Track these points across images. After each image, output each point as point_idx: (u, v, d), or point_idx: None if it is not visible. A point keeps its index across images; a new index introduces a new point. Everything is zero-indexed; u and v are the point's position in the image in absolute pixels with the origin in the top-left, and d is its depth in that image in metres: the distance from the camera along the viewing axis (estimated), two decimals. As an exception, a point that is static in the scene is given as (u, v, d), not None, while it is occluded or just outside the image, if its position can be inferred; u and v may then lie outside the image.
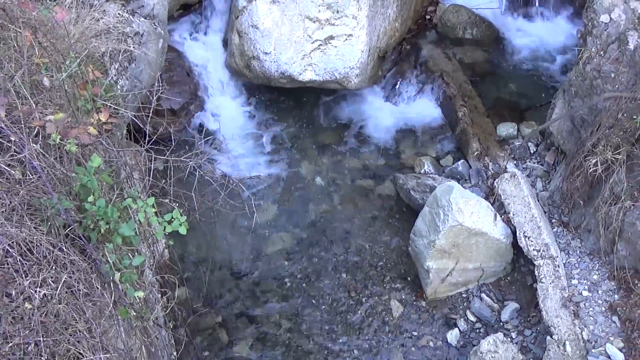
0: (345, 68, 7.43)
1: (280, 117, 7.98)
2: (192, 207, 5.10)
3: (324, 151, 7.70)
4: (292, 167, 7.55)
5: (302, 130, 7.89)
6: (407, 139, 7.81)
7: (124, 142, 5.52)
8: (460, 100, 7.60)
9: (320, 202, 7.26)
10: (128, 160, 4.95)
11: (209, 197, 5.46)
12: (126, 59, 5.62)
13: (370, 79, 7.85)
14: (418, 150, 7.65)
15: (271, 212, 7.13)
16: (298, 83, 7.57)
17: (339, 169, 7.56)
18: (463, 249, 6.12)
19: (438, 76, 7.91)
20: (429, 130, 7.79)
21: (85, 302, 3.70)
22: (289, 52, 7.38)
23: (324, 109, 8.12)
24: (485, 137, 7.24)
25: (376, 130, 7.90)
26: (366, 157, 7.67)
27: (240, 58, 7.66)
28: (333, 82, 7.56)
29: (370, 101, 8.12)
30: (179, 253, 6.06)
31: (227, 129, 7.41)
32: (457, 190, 6.09)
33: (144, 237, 4.84)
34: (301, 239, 6.97)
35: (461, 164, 7.16)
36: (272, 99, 8.08)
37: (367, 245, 6.91)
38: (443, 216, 5.99)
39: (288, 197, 7.29)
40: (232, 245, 6.86)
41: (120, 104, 4.97)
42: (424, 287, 6.41)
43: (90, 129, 3.97)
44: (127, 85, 5.62)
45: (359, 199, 7.32)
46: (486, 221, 6.07)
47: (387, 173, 7.50)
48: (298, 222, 7.10)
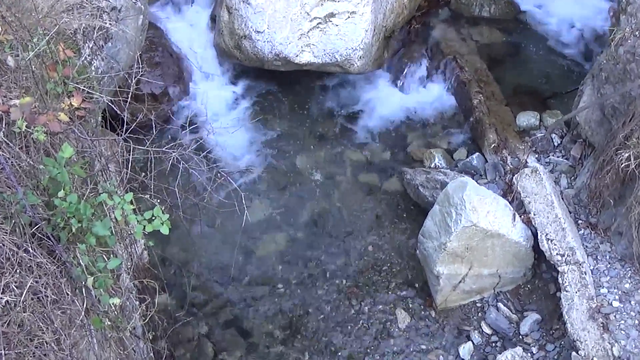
0: (347, 49, 7.41)
1: (275, 104, 7.96)
2: (175, 203, 5.08)
3: (322, 142, 7.69)
4: (287, 160, 7.54)
5: (298, 119, 7.87)
6: (415, 130, 7.81)
7: (99, 130, 5.48)
8: (476, 86, 7.59)
9: (318, 200, 7.25)
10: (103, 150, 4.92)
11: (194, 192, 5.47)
12: (101, 37, 5.58)
13: (375, 62, 7.83)
14: (428, 142, 7.65)
15: (263, 210, 7.12)
16: (294, 66, 7.55)
17: (339, 163, 7.55)
18: (477, 253, 6.11)
19: (451, 59, 7.90)
20: (441, 120, 7.79)
21: (54, 310, 3.67)
22: (285, 31, 7.35)
23: (323, 96, 8.11)
24: (504, 127, 7.23)
25: (381, 119, 7.89)
26: (370, 150, 7.66)
27: (229, 37, 7.63)
28: (333, 65, 7.54)
29: (375, 87, 8.11)
30: (159, 255, 6.05)
31: (214, 117, 7.39)
32: (471, 186, 6.08)
33: (120, 237, 4.81)
34: (297, 240, 6.96)
35: (476, 158, 7.16)
36: (266, 84, 8.06)
37: (370, 248, 6.91)
38: (455, 216, 5.98)
39: (282, 194, 7.28)
40: (220, 247, 6.85)
41: (94, 88, 4.93)
42: (434, 294, 6.41)
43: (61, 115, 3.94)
44: (102, 67, 5.57)
45: (361, 196, 7.32)
46: (504, 222, 6.06)
47: (393, 167, 7.50)
48: (293, 221, 7.10)
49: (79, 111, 4.34)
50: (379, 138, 7.75)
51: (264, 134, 7.69)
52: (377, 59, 7.86)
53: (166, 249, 6.63)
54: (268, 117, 7.80)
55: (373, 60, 7.74)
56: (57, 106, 4.18)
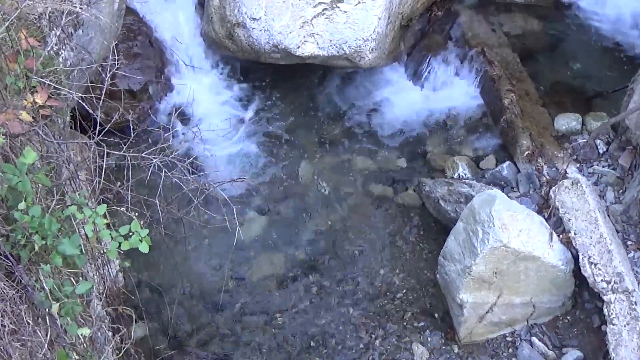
0: (357, 40, 7.41)
1: (272, 103, 7.97)
2: (155, 218, 5.07)
3: (328, 148, 7.71)
4: (286, 168, 7.55)
5: (300, 121, 7.90)
6: (436, 134, 7.82)
7: (67, 132, 5.46)
8: (507, 84, 7.60)
9: (322, 215, 7.25)
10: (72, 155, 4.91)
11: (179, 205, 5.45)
12: (71, 24, 5.57)
13: (389, 55, 7.84)
14: (450, 148, 7.66)
15: (258, 226, 7.13)
16: (296, 59, 7.56)
17: (347, 172, 7.56)
18: (508, 278, 6.10)
19: (478, 52, 7.91)
20: (466, 123, 7.80)
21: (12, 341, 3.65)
22: (285, 19, 7.36)
23: (329, 94, 8.13)
24: (539, 131, 7.22)
25: (396, 121, 7.90)
26: (382, 157, 7.67)
27: (220, 25, 7.64)
28: (341, 58, 7.54)
29: (389, 84, 8.12)
30: (137, 278, 6.05)
31: (202, 118, 7.41)
32: (501, 200, 6.08)
33: (91, 257, 4.80)
34: (297, 262, 6.96)
35: (507, 167, 7.16)
36: (262, 79, 8.08)
37: (383, 271, 6.91)
38: (482, 234, 5.97)
39: (281, 207, 7.29)
40: (207, 269, 6.84)
41: (62, 82, 4.93)
42: (457, 326, 6.40)
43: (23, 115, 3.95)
44: (71, 58, 5.56)
45: (372, 210, 7.33)
46: (539, 242, 6.05)
47: (410, 177, 7.51)
48: (293, 239, 7.10)
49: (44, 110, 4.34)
50: (394, 143, 7.76)
51: (260, 138, 7.71)
52: (392, 52, 7.86)
53: (145, 270, 6.61)
54: (265, 118, 7.82)
55: (387, 52, 7.74)
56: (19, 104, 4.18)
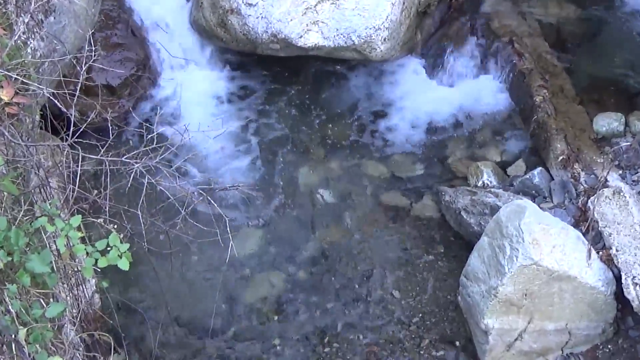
0: (367, 29, 7.44)
1: (271, 100, 7.99)
2: (137, 231, 5.06)
3: (333, 151, 7.73)
4: (286, 174, 7.57)
5: (302, 121, 7.92)
6: (457, 136, 7.85)
7: (37, 133, 5.48)
8: (539, 79, 7.61)
9: (327, 227, 7.26)
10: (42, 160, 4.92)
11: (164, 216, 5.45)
12: (41, 9, 5.59)
13: (404, 46, 7.86)
14: (474, 153, 7.68)
15: (255, 241, 7.13)
16: (297, 50, 7.59)
17: (356, 178, 7.57)
18: (540, 301, 6.10)
19: (506, 42, 7.93)
20: (491, 123, 7.83)
21: (-27, 372, 3.68)
22: (285, 4, 7.39)
23: (335, 90, 8.16)
24: (576, 133, 7.23)
25: (412, 121, 7.93)
26: (396, 161, 7.69)
27: (211, 11, 7.67)
28: (349, 49, 7.56)
29: (404, 78, 8.15)
30: (116, 299, 6.04)
31: (191, 117, 7.40)
32: (532, 212, 6.08)
33: (64, 275, 4.80)
34: (298, 282, 6.95)
35: (538, 174, 7.15)
36: (259, 74, 8.11)
37: (396, 293, 6.90)
38: (510, 251, 5.97)
39: (280, 219, 7.29)
40: (196, 289, 6.84)
41: (31, 76, 4.93)
42: (481, 356, 6.40)
43: (-14, 113, 3.95)
44: (42, 49, 5.58)
45: (384, 222, 7.33)
46: (575, 260, 6.05)
47: (428, 185, 7.52)
48: (294, 255, 7.10)
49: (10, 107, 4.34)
50: (409, 146, 7.77)
51: (257, 140, 7.73)
52: (408, 42, 7.88)
53: (125, 291, 6.62)
54: (262, 117, 7.85)
55: (402, 43, 7.76)
56: (-19, 100, 4.19)
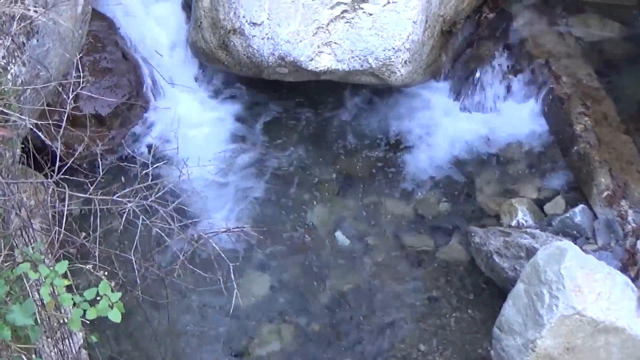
0: (385, 50, 7.45)
1: (278, 130, 8.03)
2: (130, 278, 5.05)
3: (349, 187, 7.74)
4: (296, 214, 7.57)
5: (313, 154, 7.95)
6: (488, 169, 7.86)
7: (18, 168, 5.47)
8: (579, 105, 7.63)
9: (342, 274, 7.24)
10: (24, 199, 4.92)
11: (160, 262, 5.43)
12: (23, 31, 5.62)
13: (427, 69, 7.88)
14: (506, 188, 7.67)
15: (261, 289, 7.11)
16: (308, 74, 7.60)
17: (375, 218, 7.57)
18: (584, 356, 6.04)
19: (542, 64, 7.94)
20: (526, 155, 7.84)
21: None
22: (294, 23, 7.43)
23: (350, 119, 8.19)
24: (622, 166, 7.24)
25: (436, 153, 7.94)
26: (420, 199, 7.69)
27: (212, 32, 7.72)
28: (366, 73, 7.58)
29: (428, 106, 8.18)
30: (106, 355, 6.03)
31: (190, 150, 7.32)
32: (574, 255, 6.05)
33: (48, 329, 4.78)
34: (310, 335, 6.92)
35: (580, 212, 7.15)
36: (265, 101, 8.14)
37: (422, 347, 6.85)
38: (549, 299, 5.95)
39: (290, 265, 7.27)
40: (196, 344, 6.80)
41: (12, 106, 4.94)
42: (518, 418, 6.35)
43: (-37, 146, 3.96)
44: (23, 75, 5.60)
45: (407, 268, 7.31)
46: (623, 309, 6.00)
47: (455, 225, 7.52)
48: (305, 306, 7.07)
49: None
50: (434, 182, 7.77)
51: (263, 176, 7.74)
52: (431, 65, 7.90)
53: (117, 346, 6.58)
54: (269, 149, 7.87)
55: (425, 66, 7.78)
56: (-42, 133, 4.20)
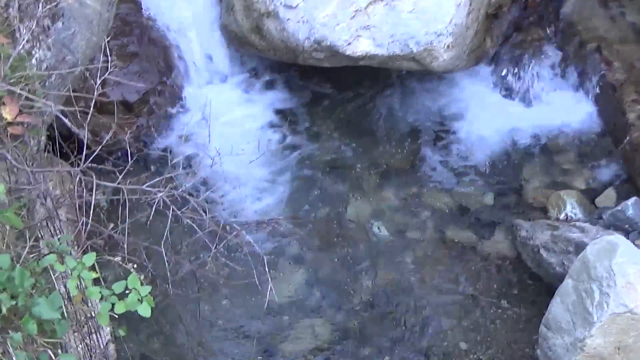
0: (427, 34, 7.45)
1: (314, 118, 8.05)
2: (160, 271, 5.08)
3: (388, 178, 7.74)
4: (332, 206, 7.57)
5: (351, 142, 7.96)
6: (535, 160, 7.86)
7: (44, 157, 5.50)
8: (633, 93, 7.60)
9: (380, 268, 7.23)
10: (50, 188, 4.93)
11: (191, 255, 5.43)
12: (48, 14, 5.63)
13: (471, 55, 7.86)
14: (555, 180, 7.66)
15: (296, 283, 7.12)
16: (345, 60, 7.61)
17: (415, 210, 7.57)
18: (635, 356, 6.00)
19: (593, 50, 7.91)
20: (575, 145, 7.83)
21: None
22: (331, 6, 7.44)
23: (390, 107, 8.19)
24: (678, 156, 7.21)
25: (481, 143, 7.95)
26: (462, 191, 7.69)
27: (245, 15, 7.74)
28: (406, 58, 7.57)
29: (472, 93, 8.20)
30: (135, 351, 6.06)
31: (222, 138, 7.37)
32: (625, 250, 6.01)
33: (76, 323, 4.79)
34: (346, 331, 6.91)
35: (632, 205, 7.11)
36: (299, 88, 8.17)
37: (464, 345, 6.85)
38: (599, 296, 5.91)
39: (326, 258, 7.28)
40: (228, 339, 6.80)
41: (37, 92, 4.94)
42: (565, 420, 6.31)
43: (-14, 134, 3.97)
44: (48, 59, 5.61)
45: (448, 263, 7.31)
46: (678, 306, 5.97)
47: (500, 219, 7.51)
48: (341, 301, 7.07)
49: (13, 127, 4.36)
50: (478, 173, 7.77)
51: (298, 166, 7.75)
52: (475, 50, 7.87)
53: (145, 341, 6.59)
54: (304, 138, 7.90)
55: (468, 51, 7.76)
56: (-19, 120, 4.21)
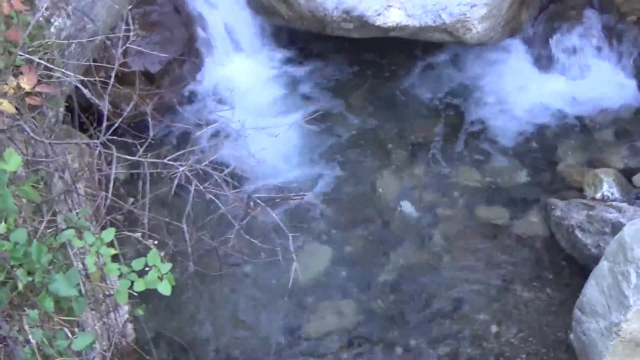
0: (460, 5, 7.44)
1: (342, 91, 8.04)
2: (181, 248, 5.05)
3: (418, 154, 7.73)
4: (360, 181, 7.57)
5: (379, 117, 7.94)
6: (571, 136, 7.82)
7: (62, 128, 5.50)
8: (675, 68, 7.56)
9: (409, 247, 7.23)
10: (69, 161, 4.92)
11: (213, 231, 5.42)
12: (68, -19, 5.64)
13: (506, 26, 7.83)
14: (591, 157, 7.62)
15: (321, 262, 7.11)
16: (375, 30, 7.59)
17: (446, 188, 7.56)
18: (673, 340, 5.98)
19: (633, 22, 7.85)
20: (614, 121, 7.79)
21: (-15, 415, 3.68)
22: (360, -25, 7.43)
23: (421, 80, 8.18)
24: None
25: (515, 118, 7.93)
26: (495, 168, 7.67)
27: (271, -16, 7.74)
28: (438, 30, 7.56)
29: (506, 66, 8.17)
30: (154, 331, 6.09)
31: (247, 111, 7.33)
32: (665, 231, 5.97)
33: (94, 301, 4.79)
34: (373, 313, 6.91)
35: (671, 184, 7.08)
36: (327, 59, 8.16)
37: (494, 328, 6.82)
38: (636, 279, 5.84)
39: (352, 237, 7.28)
40: (251, 320, 6.82)
41: (56, 61, 4.94)
42: (599, 407, 6.29)
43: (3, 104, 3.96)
44: (68, 28, 5.62)
45: (479, 242, 7.29)
46: None
47: (534, 197, 7.48)
48: (368, 281, 7.06)
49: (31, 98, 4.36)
50: (511, 150, 7.75)
51: (325, 139, 7.75)
52: (511, 21, 7.84)
53: (165, 321, 6.61)
54: (331, 112, 7.88)
55: (503, 22, 7.72)
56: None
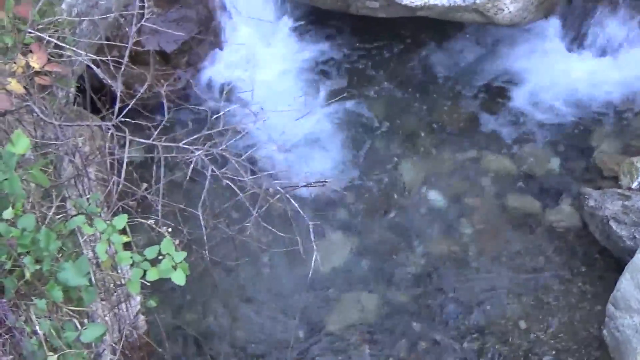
0: (491, -17, 7.43)
1: (366, 74, 8.02)
2: (196, 236, 5.06)
3: (445, 140, 7.72)
4: (384, 169, 7.57)
5: (405, 101, 7.93)
6: (606, 123, 7.80)
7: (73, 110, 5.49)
8: None
9: (434, 238, 7.23)
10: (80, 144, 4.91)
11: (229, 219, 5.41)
12: (80, -46, 5.65)
13: (539, 7, 7.79)
14: (628, 145, 7.60)
15: (343, 253, 7.11)
16: (402, 10, 7.57)
17: (474, 176, 7.56)
18: None
19: (672, 3, 7.80)
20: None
21: (-9, 408, 3.67)
22: (386, -50, 7.40)
23: (449, 63, 8.19)
24: None
25: (547, 103, 7.90)
26: (526, 155, 7.66)
27: (293, -40, 7.72)
28: (468, 9, 7.54)
29: (539, 48, 8.15)
30: (166, 322, 6.08)
31: (266, 93, 7.35)
32: None
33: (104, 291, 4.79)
34: (396, 306, 6.91)
35: None
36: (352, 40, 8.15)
37: (523, 324, 6.82)
38: (674, 273, 5.86)
39: (375, 226, 7.27)
40: (268, 312, 6.83)
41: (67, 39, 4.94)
42: (634, 405, 6.26)
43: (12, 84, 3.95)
44: (80, 5, 5.61)
45: (509, 232, 7.28)
46: None
47: (566, 186, 7.47)
48: (391, 272, 7.06)
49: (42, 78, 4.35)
50: (543, 136, 7.73)
51: (347, 124, 7.75)
52: (544, 2, 7.79)
53: (179, 312, 6.65)
54: (354, 95, 7.87)
55: (537, 2, 7.69)
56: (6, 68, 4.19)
